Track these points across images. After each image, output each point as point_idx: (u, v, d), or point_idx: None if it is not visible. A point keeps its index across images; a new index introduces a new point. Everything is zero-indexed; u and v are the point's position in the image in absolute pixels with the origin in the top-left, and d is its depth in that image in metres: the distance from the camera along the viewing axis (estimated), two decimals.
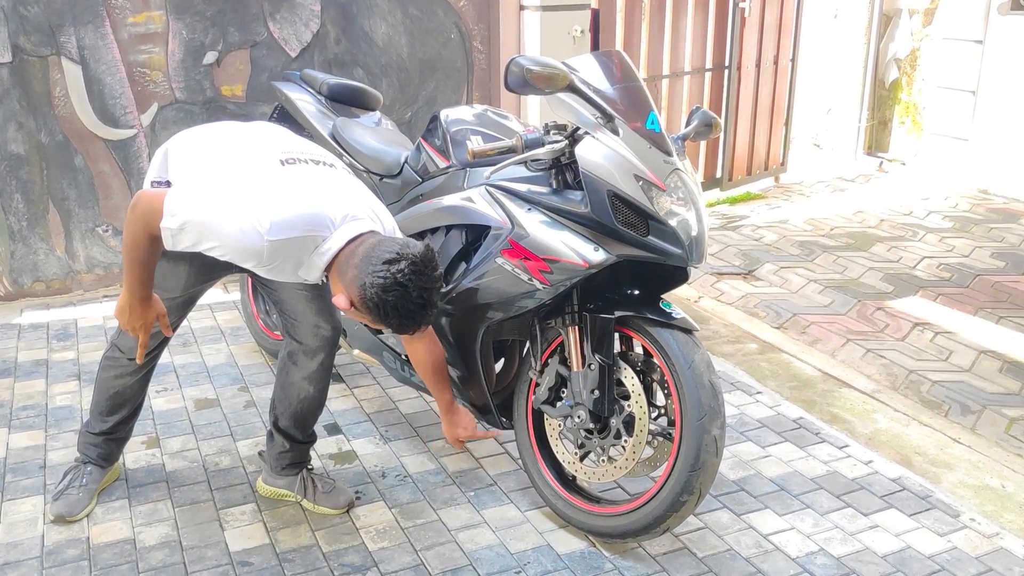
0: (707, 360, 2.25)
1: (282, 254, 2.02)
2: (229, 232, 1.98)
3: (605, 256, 2.21)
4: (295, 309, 2.42)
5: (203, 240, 2.00)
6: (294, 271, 2.12)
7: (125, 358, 2.46)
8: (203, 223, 1.99)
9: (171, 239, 2.01)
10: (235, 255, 2.03)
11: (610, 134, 2.24)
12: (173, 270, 2.30)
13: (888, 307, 4.27)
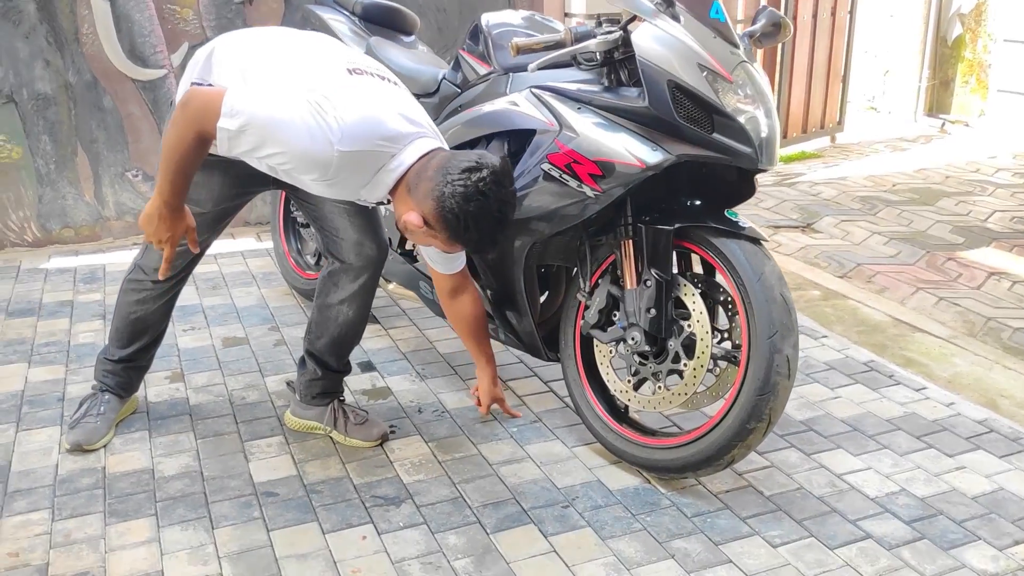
0: (778, 273, 2.02)
1: (349, 168, 1.84)
2: (297, 136, 1.78)
3: (664, 156, 1.98)
4: (336, 225, 2.23)
5: (265, 144, 1.81)
6: (356, 189, 1.94)
7: (148, 280, 2.29)
8: (267, 124, 1.79)
9: (227, 141, 1.81)
10: (299, 164, 1.83)
11: (670, 20, 2.01)
12: (206, 182, 2.10)
13: (960, 257, 3.98)
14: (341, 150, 1.79)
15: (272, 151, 1.82)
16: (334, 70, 1.92)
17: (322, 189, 1.97)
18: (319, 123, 1.78)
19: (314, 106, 1.79)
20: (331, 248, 2.29)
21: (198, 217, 2.10)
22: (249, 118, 1.79)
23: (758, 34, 2.28)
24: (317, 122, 1.78)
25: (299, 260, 3.33)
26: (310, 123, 1.78)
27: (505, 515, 2.04)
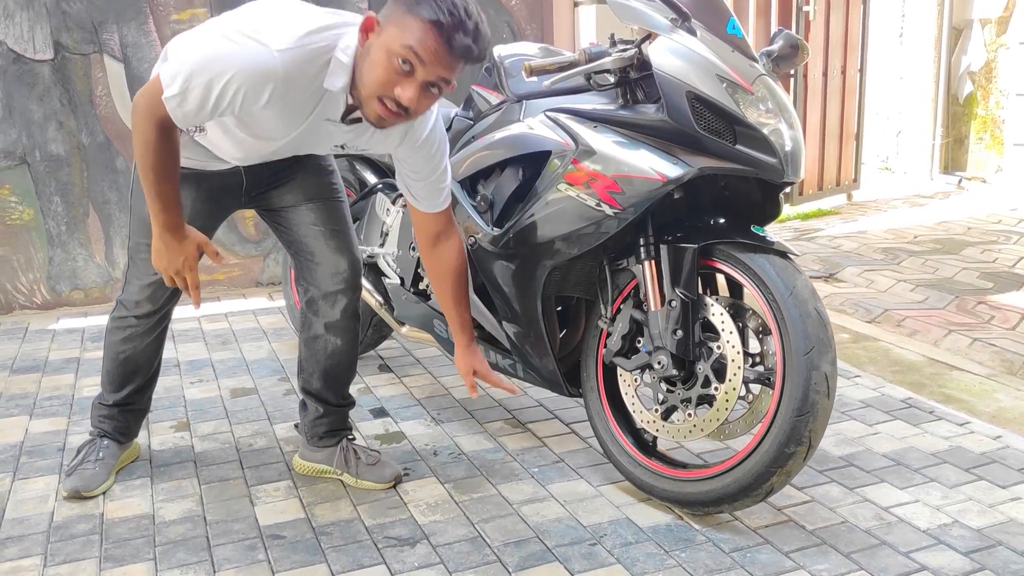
0: (811, 287, 1.92)
1: (297, 68, 1.69)
2: (234, 57, 1.66)
3: (686, 169, 1.90)
4: (312, 249, 2.17)
5: (212, 85, 1.66)
6: (317, 94, 1.77)
7: (132, 316, 2.21)
8: (204, 64, 1.67)
9: (180, 110, 1.70)
10: (250, 84, 1.67)
11: (686, 35, 1.96)
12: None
13: (991, 300, 3.85)
14: (280, 49, 1.67)
15: (220, 87, 1.67)
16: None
17: (288, 115, 1.80)
18: (250, 41, 1.67)
19: (239, 34, 1.70)
20: (306, 275, 2.21)
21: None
22: (186, 72, 1.67)
23: (776, 55, 2.24)
24: (247, 41, 1.68)
25: None
26: (242, 44, 1.68)
27: (528, 554, 1.90)
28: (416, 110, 1.73)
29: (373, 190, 2.94)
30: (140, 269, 2.14)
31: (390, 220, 2.80)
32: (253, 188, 2.14)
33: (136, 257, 2.14)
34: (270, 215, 2.21)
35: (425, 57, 1.65)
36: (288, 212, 2.17)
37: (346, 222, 2.21)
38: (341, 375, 2.27)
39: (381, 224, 2.84)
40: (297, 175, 2.16)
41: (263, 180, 2.14)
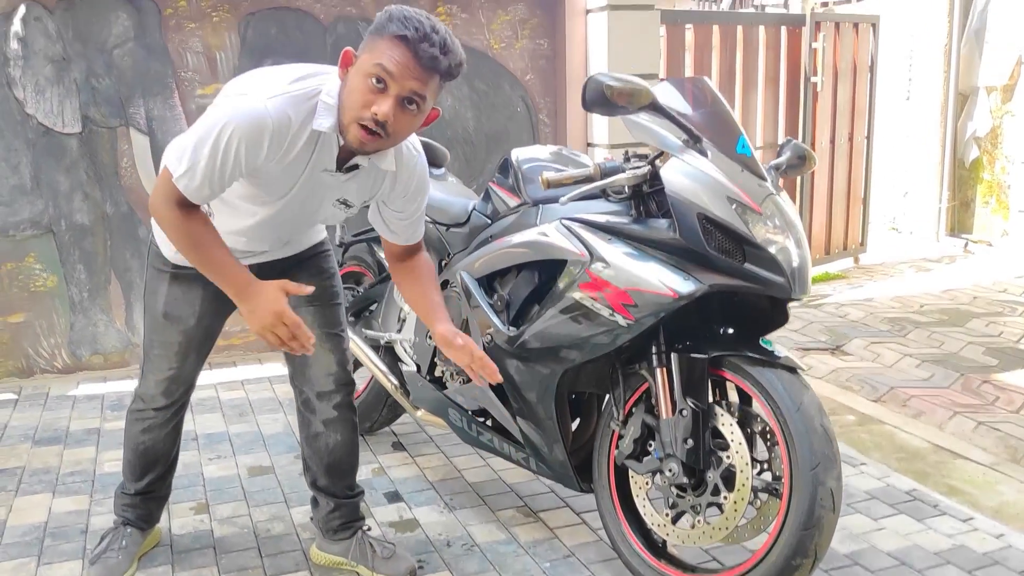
0: (817, 403, 1.98)
1: (287, 110, 1.77)
2: (227, 114, 1.75)
3: (696, 286, 1.98)
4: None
5: (217, 145, 1.74)
6: (311, 140, 1.84)
7: (150, 409, 2.28)
8: (203, 133, 1.76)
9: (193, 185, 1.78)
10: (246, 131, 1.74)
11: (698, 156, 2.05)
12: (185, 296, 2.14)
13: (996, 380, 3.90)
14: (268, 96, 1.76)
15: (223, 145, 1.75)
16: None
17: (287, 166, 1.87)
18: (239, 98, 1.78)
19: (227, 98, 1.80)
20: (299, 376, 2.30)
21: (184, 336, 2.16)
22: (190, 148, 1.77)
23: (784, 166, 2.33)
24: (237, 99, 1.78)
25: None
26: (233, 103, 1.78)
27: None
28: (394, 128, 1.78)
29: None
30: (154, 365, 2.22)
31: (407, 307, 2.88)
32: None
33: (150, 353, 2.22)
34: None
35: (395, 71, 1.72)
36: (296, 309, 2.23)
37: (342, 325, 2.30)
38: (346, 467, 2.35)
39: (399, 310, 2.92)
40: (300, 278, 2.18)
41: (269, 277, 2.11)
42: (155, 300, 2.18)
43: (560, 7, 4.58)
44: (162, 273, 2.16)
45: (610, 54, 4.49)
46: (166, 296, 2.15)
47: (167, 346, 2.19)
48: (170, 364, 2.21)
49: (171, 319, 2.15)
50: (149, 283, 2.20)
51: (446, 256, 2.77)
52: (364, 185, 2.01)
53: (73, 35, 3.81)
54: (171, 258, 2.11)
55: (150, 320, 2.21)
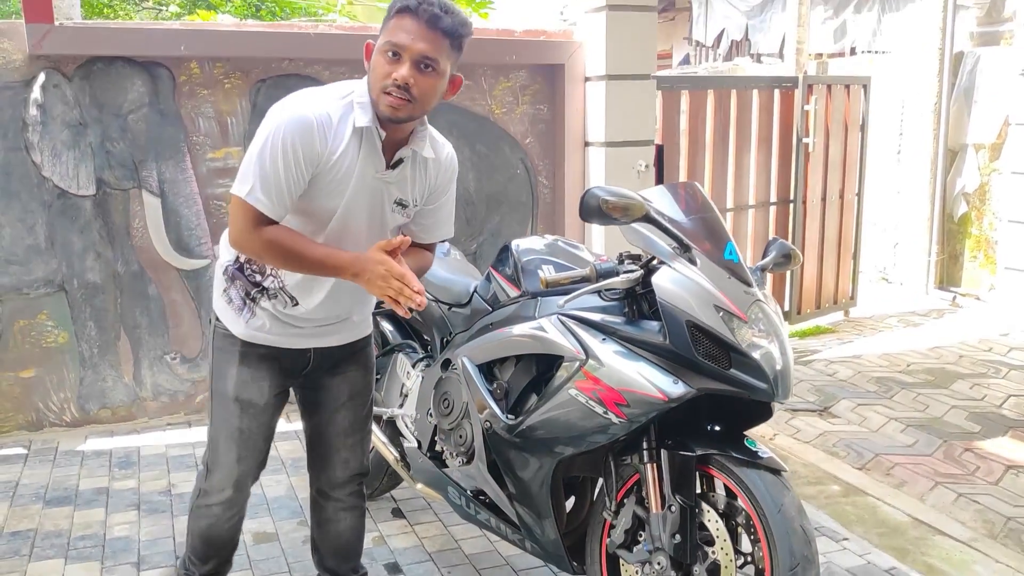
0: (797, 504, 2.10)
1: (325, 108, 1.98)
2: (273, 125, 1.95)
3: (685, 389, 2.11)
4: (333, 444, 2.37)
5: (275, 152, 1.93)
6: (356, 137, 2.01)
7: (216, 504, 2.28)
8: (258, 152, 1.96)
9: (264, 196, 1.95)
10: (296, 130, 1.94)
11: (687, 264, 2.18)
12: (254, 376, 2.20)
13: (977, 448, 4.03)
14: (306, 101, 1.98)
15: (280, 149, 1.93)
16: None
17: (340, 164, 2.01)
18: (280, 112, 1.98)
19: (269, 119, 2.00)
20: (318, 464, 2.41)
21: (255, 421, 2.21)
22: (251, 169, 1.96)
23: (770, 266, 2.46)
24: (278, 113, 1.98)
25: None
26: (275, 117, 1.97)
27: None
28: (419, 91, 1.96)
29: (395, 349, 3.15)
30: (223, 455, 2.23)
31: (410, 383, 3.00)
32: (316, 370, 2.29)
33: (219, 443, 2.23)
34: (312, 401, 2.36)
35: (405, 40, 1.93)
36: (328, 408, 2.35)
37: (369, 426, 2.43)
38: (353, 550, 2.48)
39: (401, 385, 3.04)
40: (350, 369, 2.34)
41: (325, 363, 2.30)
42: (224, 384, 2.20)
43: (560, 75, 4.74)
44: (230, 354, 2.19)
45: (607, 120, 4.65)
46: (236, 378, 2.18)
47: (238, 433, 2.21)
48: (240, 452, 2.22)
49: (242, 403, 2.18)
50: (217, 368, 2.22)
51: (448, 334, 2.90)
52: (413, 180, 2.16)
53: (90, 101, 3.95)
54: (241, 335, 2.17)
55: (220, 407, 2.22)
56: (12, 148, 3.86)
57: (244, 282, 2.18)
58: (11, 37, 3.82)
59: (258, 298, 2.17)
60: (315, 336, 2.24)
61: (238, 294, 2.18)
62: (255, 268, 2.16)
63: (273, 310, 2.17)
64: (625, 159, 4.72)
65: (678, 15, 13.51)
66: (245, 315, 2.17)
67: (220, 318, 2.22)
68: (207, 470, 2.29)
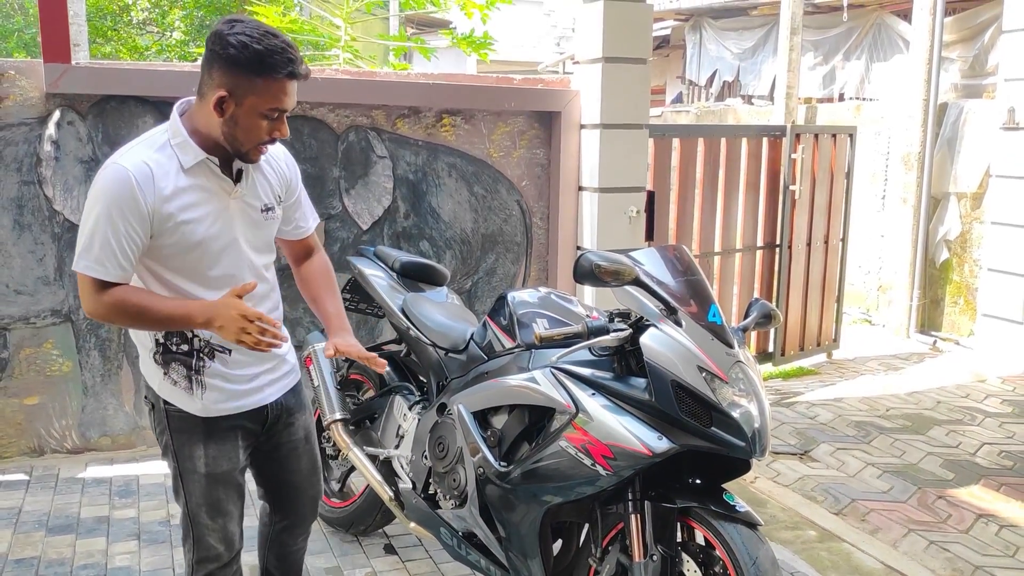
0: (771, 557, 2.24)
1: (141, 157, 1.97)
2: (95, 193, 1.98)
3: (669, 445, 2.25)
4: (297, 485, 2.45)
5: (99, 224, 1.95)
6: (191, 175, 2.01)
7: (218, 568, 2.25)
8: (85, 220, 2.00)
9: (99, 265, 1.96)
10: (117, 195, 1.94)
11: (673, 325, 2.33)
12: (224, 451, 2.20)
13: (950, 495, 4.17)
14: (119, 158, 1.99)
15: (103, 220, 1.94)
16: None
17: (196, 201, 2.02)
18: (99, 176, 2.00)
19: (95, 182, 2.02)
20: (284, 510, 2.49)
21: (231, 486, 2.21)
22: (83, 240, 2.00)
23: (751, 326, 2.61)
24: (98, 178, 2.00)
25: (324, 487, 3.54)
26: (96, 184, 1.99)
27: None
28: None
29: (392, 390, 3.27)
30: (208, 526, 2.21)
31: (406, 425, 3.13)
32: (273, 424, 2.31)
33: (199, 518, 2.20)
34: (271, 457, 2.38)
35: (286, 103, 1.99)
36: (289, 458, 2.40)
37: (319, 458, 2.54)
38: (301, 566, 2.65)
39: (397, 427, 3.16)
40: (298, 413, 2.39)
41: (282, 415, 2.34)
42: (194, 464, 2.16)
43: (557, 122, 4.91)
44: (192, 434, 2.15)
45: (601, 166, 4.81)
46: (205, 456, 2.16)
47: (219, 503, 2.20)
48: (224, 517, 2.22)
49: (217, 476, 2.17)
50: (180, 449, 2.16)
51: (444, 379, 3.03)
52: (264, 181, 2.19)
53: (102, 138, 4.09)
54: (200, 412, 2.14)
55: (193, 484, 2.18)
56: (26, 182, 3.99)
57: (178, 362, 2.13)
58: (29, 76, 3.96)
59: (201, 369, 2.13)
60: (267, 388, 2.26)
61: (181, 375, 2.13)
62: (175, 340, 2.12)
63: (221, 376, 2.15)
64: (617, 204, 4.88)
65: (672, 52, 13.77)
66: (197, 392, 2.13)
67: (170, 401, 2.15)
68: (194, 544, 2.23)
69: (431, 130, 4.71)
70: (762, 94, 10.54)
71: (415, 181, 4.70)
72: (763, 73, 10.67)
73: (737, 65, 11.11)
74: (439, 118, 4.70)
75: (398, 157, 4.65)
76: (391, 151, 4.63)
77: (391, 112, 4.60)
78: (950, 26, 8.20)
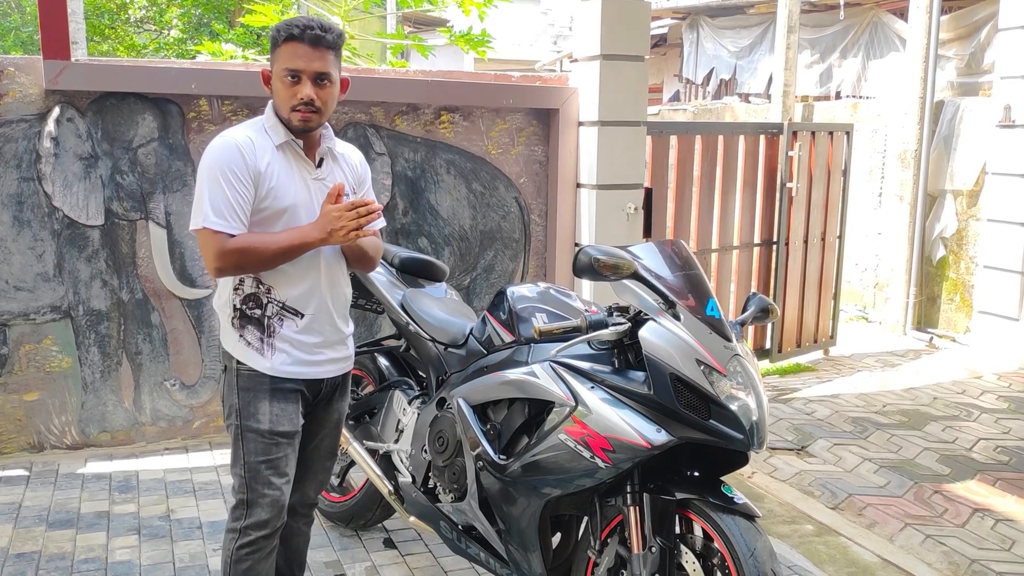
0: (769, 549, 2.25)
1: (243, 131, 2.30)
2: (204, 162, 2.25)
3: (668, 438, 2.26)
4: (311, 466, 2.58)
5: (215, 181, 2.22)
6: (281, 151, 2.31)
7: (261, 537, 2.34)
8: (199, 185, 2.26)
9: (221, 219, 2.21)
10: (223, 155, 2.24)
11: (672, 319, 2.35)
12: (284, 410, 2.36)
13: (946, 490, 4.19)
14: (221, 135, 2.30)
15: (218, 177, 2.22)
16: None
17: (281, 171, 2.29)
18: (206, 151, 2.29)
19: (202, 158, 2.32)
20: (292, 489, 2.49)
21: (293, 447, 2.38)
22: (200, 201, 2.25)
23: (749, 320, 2.62)
24: (205, 153, 2.29)
25: None
26: (203, 156, 2.28)
27: None
28: (321, 100, 2.28)
29: (391, 385, 3.29)
30: (264, 489, 2.32)
31: (406, 419, 3.14)
32: (321, 400, 2.51)
33: (258, 479, 2.32)
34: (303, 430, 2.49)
35: (300, 64, 2.25)
36: (316, 436, 2.55)
37: (338, 448, 2.69)
38: (304, 556, 2.70)
39: (397, 421, 3.18)
40: (339, 398, 2.58)
41: (329, 394, 2.52)
42: (257, 421, 2.32)
43: (555, 119, 4.92)
44: (259, 392, 2.34)
45: (599, 163, 4.83)
46: (270, 413, 2.33)
47: (278, 462, 2.34)
48: (280, 480, 2.34)
49: (279, 435, 2.33)
50: (244, 407, 2.33)
51: (443, 373, 3.05)
52: (341, 172, 2.45)
53: (102, 135, 4.10)
54: (270, 371, 2.33)
55: (254, 443, 2.32)
56: (25, 178, 4.00)
57: (253, 325, 2.36)
58: (28, 72, 3.97)
59: (274, 332, 2.35)
60: (327, 364, 2.45)
61: (255, 336, 2.36)
62: (251, 304, 2.35)
63: (290, 342, 2.36)
64: (615, 201, 4.90)
65: (669, 51, 13.79)
66: (268, 353, 2.35)
67: (242, 360, 2.36)
68: (247, 507, 2.33)
69: (430, 127, 4.72)
70: (759, 92, 10.57)
71: (414, 178, 4.72)
72: (760, 71, 10.69)
73: (734, 63, 11.13)
74: (438, 115, 4.71)
75: (397, 154, 4.67)
76: (390, 148, 4.64)
77: (390, 109, 4.62)
78: (946, 24, 8.23)
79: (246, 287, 2.35)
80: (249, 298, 2.35)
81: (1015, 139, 6.47)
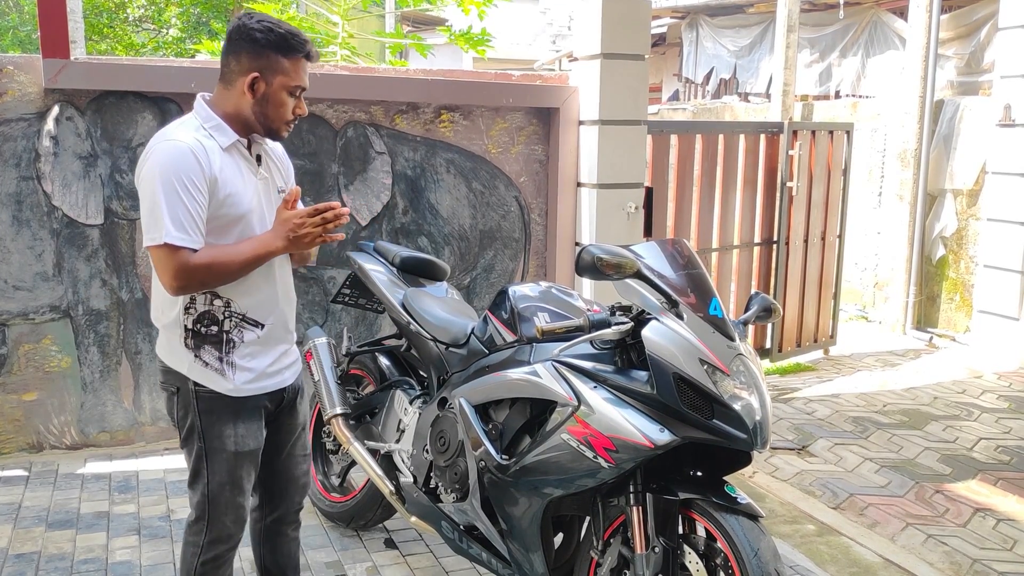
0: (773, 549, 2.25)
1: (191, 138, 2.12)
2: (154, 166, 2.07)
3: (671, 437, 2.26)
4: (290, 473, 2.52)
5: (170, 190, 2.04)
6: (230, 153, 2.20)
7: (227, 549, 2.33)
8: (151, 193, 2.07)
9: (182, 233, 2.04)
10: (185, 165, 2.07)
11: (675, 318, 2.34)
12: (249, 427, 2.29)
13: (947, 490, 4.19)
14: (167, 137, 2.13)
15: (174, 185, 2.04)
16: None
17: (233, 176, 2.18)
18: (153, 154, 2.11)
19: (144, 162, 2.15)
20: (276, 499, 2.53)
21: (255, 463, 2.33)
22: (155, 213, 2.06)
23: (752, 319, 2.62)
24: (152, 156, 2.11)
25: (325, 482, 3.55)
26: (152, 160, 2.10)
27: None
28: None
29: (392, 384, 3.28)
30: (228, 505, 2.28)
31: (407, 419, 3.13)
32: (283, 408, 2.44)
33: (222, 496, 2.27)
34: (269, 442, 2.42)
35: (304, 81, 2.23)
36: (286, 443, 2.48)
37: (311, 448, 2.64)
38: (298, 560, 2.65)
39: (398, 421, 3.17)
40: (298, 401, 2.52)
41: (289, 399, 2.45)
42: (222, 443, 2.24)
43: (555, 118, 4.91)
44: (222, 414, 2.24)
45: (600, 162, 4.82)
46: (235, 435, 2.25)
47: (241, 481, 2.29)
48: (244, 495, 2.32)
49: (243, 455, 2.26)
50: (208, 430, 2.24)
51: (444, 373, 3.04)
52: (277, 166, 2.39)
53: (101, 133, 4.08)
54: (232, 392, 2.23)
55: (218, 463, 2.25)
56: (24, 177, 3.99)
57: (210, 344, 2.23)
58: (27, 71, 3.96)
59: (233, 348, 2.24)
60: (285, 371, 2.38)
61: (212, 356, 2.23)
62: (206, 322, 2.21)
63: (250, 356, 2.27)
64: (615, 200, 4.89)
65: (668, 50, 13.79)
66: (229, 374, 2.24)
67: (201, 382, 2.23)
68: (208, 525, 2.29)
69: (429, 126, 4.71)
70: (759, 91, 10.56)
71: (414, 177, 4.71)
72: (760, 71, 10.69)
73: (734, 63, 11.12)
74: (438, 114, 4.70)
75: (397, 153, 4.66)
76: (390, 147, 4.63)
77: (390, 108, 4.60)
78: (946, 23, 8.22)
79: (198, 305, 2.20)
80: (203, 316, 2.21)
81: (1015, 138, 6.47)
